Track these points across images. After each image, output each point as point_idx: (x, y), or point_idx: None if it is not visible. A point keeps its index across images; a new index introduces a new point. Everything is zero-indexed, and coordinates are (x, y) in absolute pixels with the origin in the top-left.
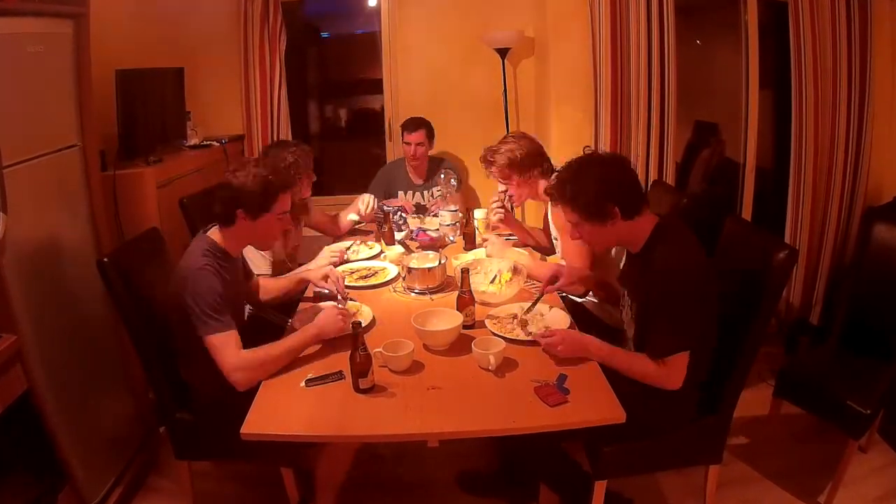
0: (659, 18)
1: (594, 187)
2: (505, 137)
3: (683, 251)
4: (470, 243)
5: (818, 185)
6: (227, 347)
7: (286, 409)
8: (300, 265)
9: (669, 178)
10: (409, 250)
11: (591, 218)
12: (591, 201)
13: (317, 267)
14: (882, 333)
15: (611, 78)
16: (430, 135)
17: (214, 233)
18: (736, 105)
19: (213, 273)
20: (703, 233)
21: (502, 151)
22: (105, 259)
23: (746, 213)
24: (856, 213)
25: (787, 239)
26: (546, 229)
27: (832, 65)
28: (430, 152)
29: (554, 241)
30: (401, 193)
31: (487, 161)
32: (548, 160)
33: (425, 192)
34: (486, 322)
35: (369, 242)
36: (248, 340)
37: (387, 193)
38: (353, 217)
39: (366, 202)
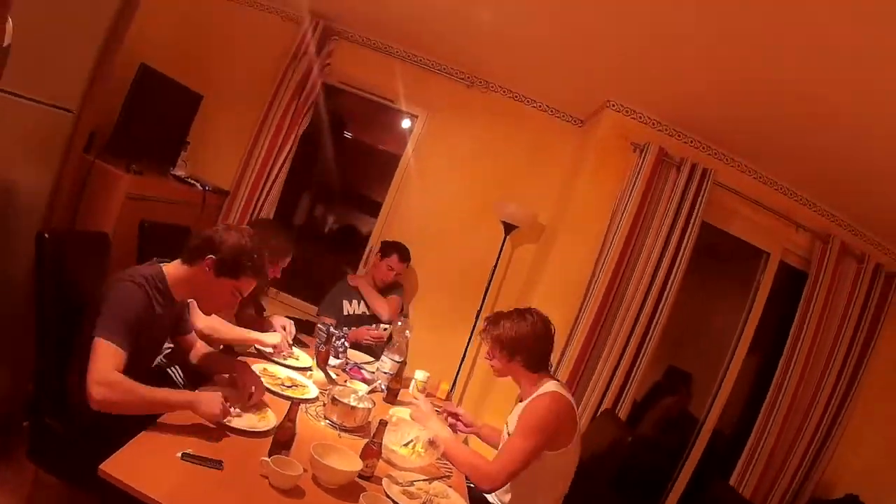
0: (674, 252)
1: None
2: (515, 311)
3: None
4: (391, 397)
5: (774, 458)
6: (107, 358)
7: (156, 467)
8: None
9: (623, 413)
10: (334, 382)
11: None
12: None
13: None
14: None
15: (603, 294)
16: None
17: (169, 267)
18: (717, 361)
19: (143, 295)
20: (636, 475)
21: (499, 326)
22: (47, 234)
23: (688, 470)
24: (803, 499)
25: None
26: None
27: (830, 347)
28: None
29: (505, 433)
30: (345, 303)
31: (486, 327)
32: (540, 354)
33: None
34: (384, 482)
35: (301, 354)
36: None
37: (335, 307)
38: (275, 340)
39: (287, 328)
